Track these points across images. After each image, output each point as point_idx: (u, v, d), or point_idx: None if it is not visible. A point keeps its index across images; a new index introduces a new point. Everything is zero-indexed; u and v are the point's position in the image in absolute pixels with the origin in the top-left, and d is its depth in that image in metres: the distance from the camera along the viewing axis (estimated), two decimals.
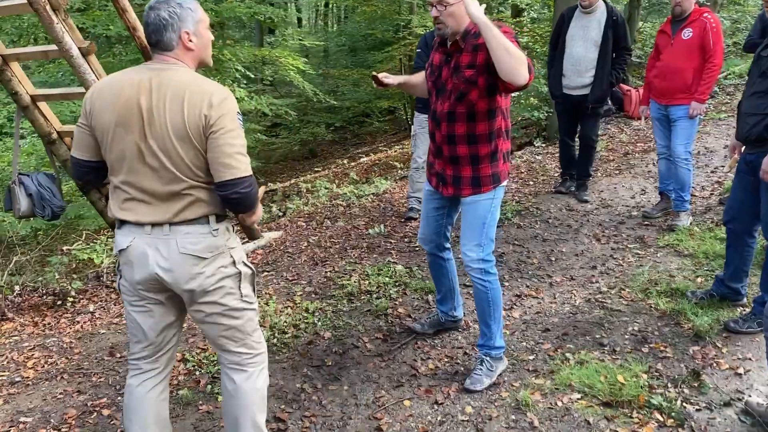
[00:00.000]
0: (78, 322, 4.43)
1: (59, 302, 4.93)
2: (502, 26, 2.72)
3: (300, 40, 18.29)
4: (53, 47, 4.10)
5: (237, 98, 10.09)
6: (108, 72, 3.40)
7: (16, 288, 5.46)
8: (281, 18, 14.39)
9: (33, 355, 3.87)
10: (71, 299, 4.90)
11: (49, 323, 4.53)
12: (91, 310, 4.64)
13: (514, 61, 2.58)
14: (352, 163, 11.44)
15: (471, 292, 3.52)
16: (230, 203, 2.16)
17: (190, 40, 2.16)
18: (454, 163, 3.02)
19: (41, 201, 4.78)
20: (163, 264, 2.16)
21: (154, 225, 2.16)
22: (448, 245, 3.42)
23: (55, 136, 4.81)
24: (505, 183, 3.10)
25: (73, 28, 4.02)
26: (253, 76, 12.40)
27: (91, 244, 6.67)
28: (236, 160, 2.10)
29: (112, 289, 5.12)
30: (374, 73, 3.04)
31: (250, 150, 11.43)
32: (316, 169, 12.35)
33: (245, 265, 2.31)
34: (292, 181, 10.83)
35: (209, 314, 2.26)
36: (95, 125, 2.16)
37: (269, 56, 12.42)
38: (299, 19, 24.84)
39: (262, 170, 12.91)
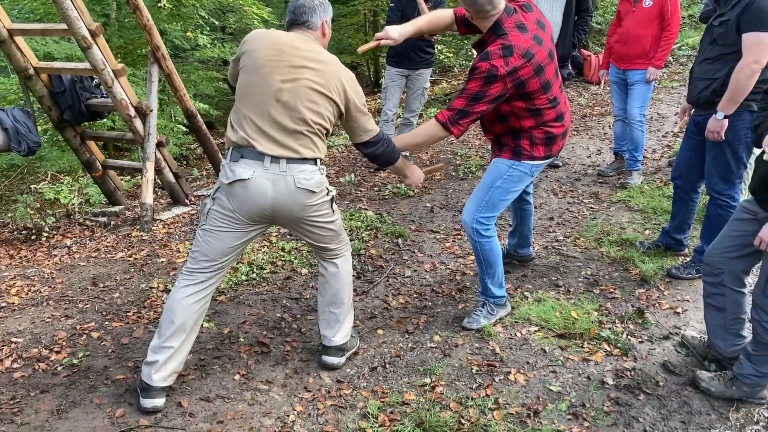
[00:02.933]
0: (55, 255, 4.54)
1: (33, 237, 5.00)
2: (489, 57, 2.78)
3: None
4: None
5: (200, 45, 10.02)
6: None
7: None
8: None
9: (15, 284, 3.98)
10: (46, 234, 4.98)
11: (25, 256, 4.62)
12: (68, 244, 4.74)
13: (429, 143, 3.22)
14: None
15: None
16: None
17: (327, 29, 2.69)
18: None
19: (17, 136, 4.84)
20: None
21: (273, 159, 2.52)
22: (526, 197, 3.71)
23: (31, 71, 4.85)
24: (530, 162, 3.10)
25: None
26: (217, 23, 12.25)
27: (57, 185, 6.70)
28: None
29: (85, 227, 5.22)
30: (370, 44, 3.14)
31: (210, 99, 11.38)
32: None
33: (331, 190, 2.77)
34: None
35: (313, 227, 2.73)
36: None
37: (233, 3, 12.26)
38: None
39: (222, 120, 12.86)
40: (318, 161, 2.62)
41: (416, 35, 3.29)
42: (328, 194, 2.70)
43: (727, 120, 3.29)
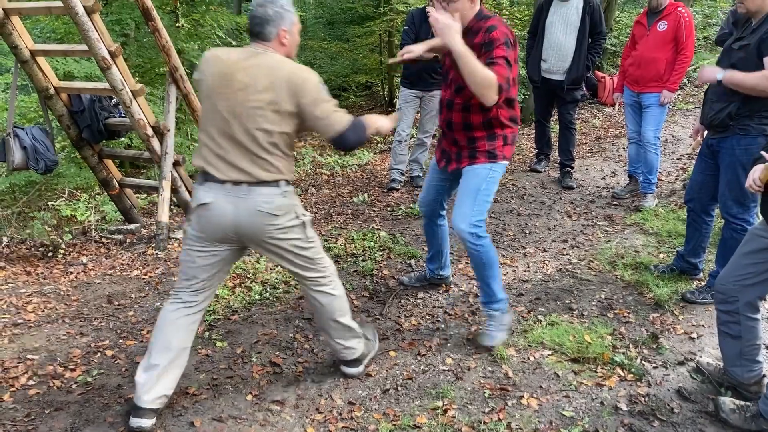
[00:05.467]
0: (71, 272, 4.58)
1: (50, 254, 5.06)
2: (497, 27, 2.96)
3: None
4: (57, 3, 4.21)
5: None
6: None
7: (4, 239, 5.57)
8: None
9: (32, 300, 4.03)
10: (62, 251, 5.04)
11: (42, 273, 4.67)
12: (84, 261, 4.79)
13: (481, 88, 2.87)
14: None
15: (460, 256, 3.76)
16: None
17: (285, 38, 2.56)
18: (454, 144, 3.31)
19: (35, 154, 4.91)
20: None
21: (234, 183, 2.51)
22: (443, 213, 3.72)
23: (52, 91, 4.93)
24: (504, 163, 3.26)
25: None
26: (234, 43, 12.41)
27: (74, 201, 6.78)
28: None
29: (101, 244, 5.27)
30: (393, 60, 3.28)
31: None
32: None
33: (304, 215, 2.73)
34: None
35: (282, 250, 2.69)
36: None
37: None
38: None
39: None
40: (282, 183, 2.58)
41: (435, 53, 3.41)
42: (297, 218, 2.65)
43: (718, 79, 3.35)
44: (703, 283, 3.91)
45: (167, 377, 2.69)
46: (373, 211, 5.53)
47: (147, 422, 2.66)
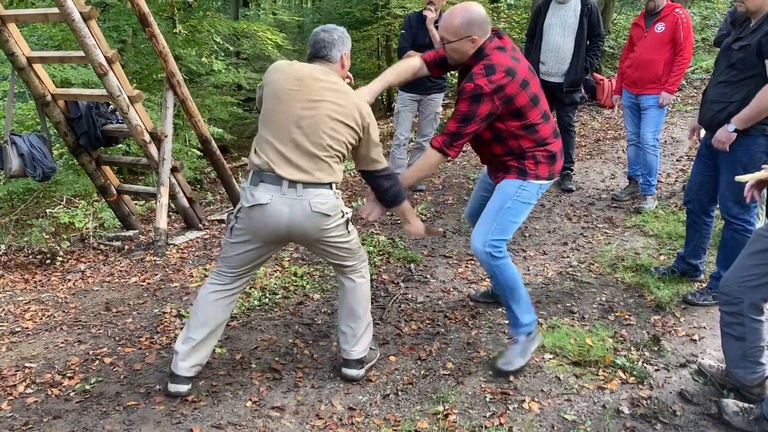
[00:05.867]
0: (69, 279, 4.56)
1: (48, 261, 5.04)
2: (473, 77, 2.82)
3: (274, 14, 18.20)
4: (54, 10, 4.20)
5: (215, 70, 10.15)
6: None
7: (2, 247, 5.55)
8: None
9: (30, 308, 4.01)
10: (60, 259, 5.02)
11: (39, 280, 4.65)
12: (82, 269, 4.77)
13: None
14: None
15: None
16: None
17: (345, 60, 2.82)
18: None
19: (33, 161, 4.90)
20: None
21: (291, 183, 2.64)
22: None
23: (49, 98, 4.92)
24: (537, 183, 3.06)
25: None
26: (232, 48, 12.41)
27: (72, 209, 6.76)
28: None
29: (99, 251, 5.25)
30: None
31: (224, 123, 11.48)
32: None
33: (347, 212, 2.85)
34: None
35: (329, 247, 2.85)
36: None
37: (247, 29, 12.42)
38: None
39: (236, 144, 12.95)
40: (334, 185, 2.73)
41: (387, 88, 3.38)
42: (343, 216, 2.78)
43: (736, 134, 3.28)
44: (704, 285, 3.89)
45: (203, 350, 2.93)
46: None
47: (183, 387, 2.91)
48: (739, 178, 2.67)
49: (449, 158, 3.01)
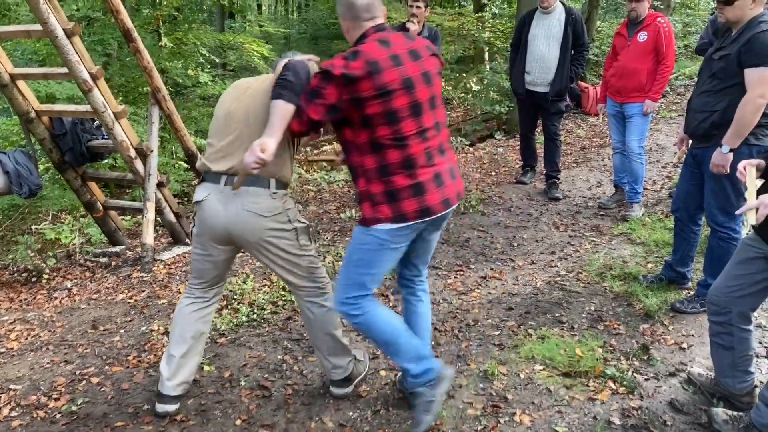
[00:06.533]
0: (56, 297, 4.51)
1: (33, 279, 4.98)
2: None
3: (260, 26, 18.20)
4: (37, 27, 4.17)
5: (201, 82, 10.12)
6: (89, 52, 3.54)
7: None
8: (243, 2, 14.35)
9: (14, 328, 3.96)
10: (46, 276, 4.97)
11: (25, 299, 4.60)
12: (68, 286, 4.72)
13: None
14: (314, 152, 11.54)
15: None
16: None
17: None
18: None
19: (19, 179, 4.85)
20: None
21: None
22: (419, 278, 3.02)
23: (33, 114, 4.88)
24: (379, 226, 2.50)
25: (58, 9, 4.09)
26: (218, 60, 12.39)
27: (58, 225, 6.70)
28: None
29: (86, 267, 5.20)
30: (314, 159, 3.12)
31: None
32: None
33: (299, 221, 2.74)
34: None
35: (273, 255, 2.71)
36: None
37: (233, 41, 12.39)
38: (259, 5, 24.67)
39: None
40: (273, 183, 2.61)
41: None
42: (290, 222, 2.67)
43: (731, 154, 3.30)
44: (692, 293, 3.91)
45: (186, 366, 2.90)
46: None
47: (172, 407, 2.90)
48: (742, 210, 2.40)
49: (295, 130, 2.51)
